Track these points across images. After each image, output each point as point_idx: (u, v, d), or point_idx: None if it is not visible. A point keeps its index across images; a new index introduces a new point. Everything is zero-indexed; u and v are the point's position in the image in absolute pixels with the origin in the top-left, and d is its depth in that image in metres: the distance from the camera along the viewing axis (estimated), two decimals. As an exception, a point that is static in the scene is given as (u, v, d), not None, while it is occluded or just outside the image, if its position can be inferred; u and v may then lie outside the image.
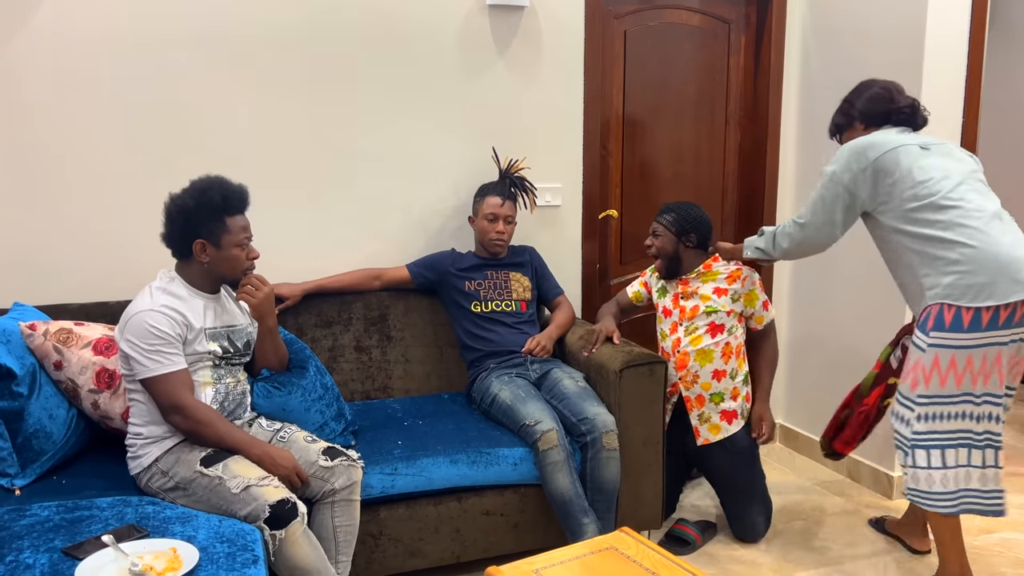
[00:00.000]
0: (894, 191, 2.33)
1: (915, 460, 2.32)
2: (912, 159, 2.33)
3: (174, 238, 2.21)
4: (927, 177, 2.30)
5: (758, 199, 3.65)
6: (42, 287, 2.69)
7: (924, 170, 2.31)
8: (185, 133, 2.82)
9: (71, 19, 2.65)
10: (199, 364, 2.19)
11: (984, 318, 2.19)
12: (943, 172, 2.31)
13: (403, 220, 3.12)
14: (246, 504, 2.00)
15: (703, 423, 2.80)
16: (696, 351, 2.78)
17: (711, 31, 3.54)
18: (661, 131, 3.53)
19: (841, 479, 3.40)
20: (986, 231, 2.22)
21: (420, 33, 3.03)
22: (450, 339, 3.05)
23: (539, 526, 2.59)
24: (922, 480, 2.31)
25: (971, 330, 2.20)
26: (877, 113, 2.48)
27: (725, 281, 2.82)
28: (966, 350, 2.22)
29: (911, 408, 2.32)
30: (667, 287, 2.91)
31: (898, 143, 2.36)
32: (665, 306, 2.89)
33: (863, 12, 3.21)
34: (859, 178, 2.37)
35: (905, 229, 2.33)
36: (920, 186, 2.30)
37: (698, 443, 2.81)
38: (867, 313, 3.27)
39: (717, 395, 2.79)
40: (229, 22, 2.81)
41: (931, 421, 2.29)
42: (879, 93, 2.49)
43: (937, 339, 2.25)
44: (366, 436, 2.57)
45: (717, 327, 2.78)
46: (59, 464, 2.30)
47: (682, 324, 2.82)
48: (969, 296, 2.20)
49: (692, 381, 2.80)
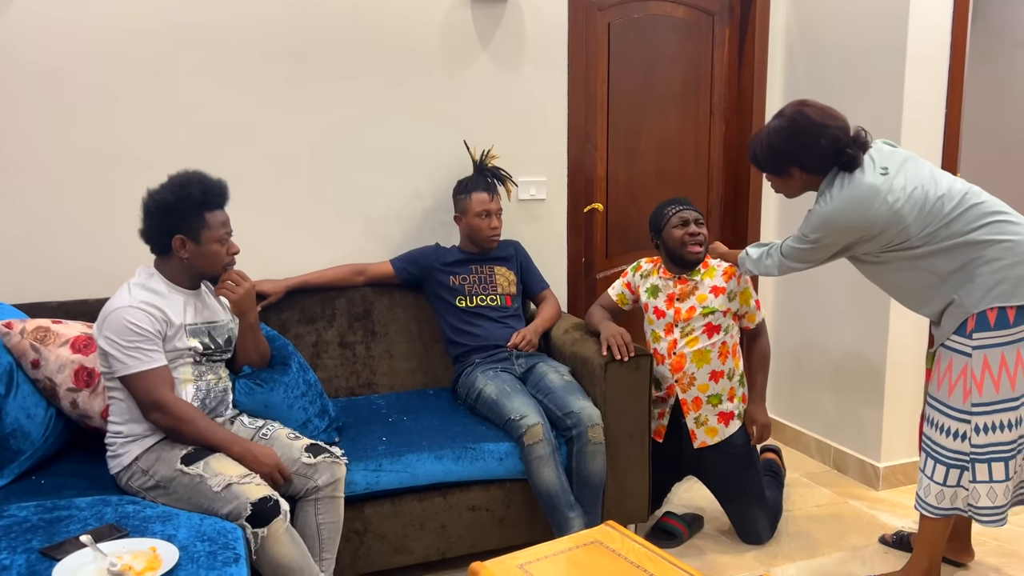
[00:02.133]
0: (913, 221, 2.20)
1: (976, 475, 2.20)
2: (899, 201, 2.18)
3: (153, 234, 2.18)
4: (945, 191, 2.19)
5: (743, 190, 3.65)
6: (19, 285, 2.65)
7: (939, 182, 2.21)
8: (163, 128, 2.78)
9: (47, 13, 2.61)
10: (179, 361, 2.16)
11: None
12: (937, 177, 2.23)
13: (387, 215, 3.09)
14: (228, 502, 1.98)
15: (700, 426, 2.75)
16: (693, 352, 2.71)
17: (695, 23, 3.53)
18: (646, 123, 3.52)
19: (827, 470, 3.41)
20: (1003, 225, 2.16)
21: (402, 26, 3.00)
22: (435, 334, 3.03)
23: (525, 521, 2.58)
24: (983, 496, 2.20)
25: (1017, 324, 2.13)
26: (826, 166, 2.28)
27: (722, 278, 2.76)
28: (1014, 344, 2.15)
29: (967, 420, 2.21)
30: (659, 287, 2.80)
31: (879, 183, 2.19)
32: (657, 307, 2.80)
33: (845, 4, 3.20)
34: (843, 247, 2.29)
35: (934, 248, 2.21)
36: (939, 202, 2.19)
37: (695, 446, 2.76)
38: (850, 304, 3.27)
39: (715, 397, 2.74)
40: (208, 16, 2.78)
41: (994, 432, 2.18)
42: (827, 147, 2.23)
43: (983, 339, 2.16)
44: (350, 432, 2.55)
45: (714, 328, 2.73)
46: (37, 464, 2.27)
47: (677, 325, 2.75)
48: (1004, 293, 2.13)
49: (689, 384, 2.74)
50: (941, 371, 2.27)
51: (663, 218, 2.78)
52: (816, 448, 3.51)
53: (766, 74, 3.56)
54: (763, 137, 2.35)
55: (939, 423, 2.28)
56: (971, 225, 2.18)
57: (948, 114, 3.06)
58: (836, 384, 3.40)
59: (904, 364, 3.14)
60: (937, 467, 2.28)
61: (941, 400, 2.27)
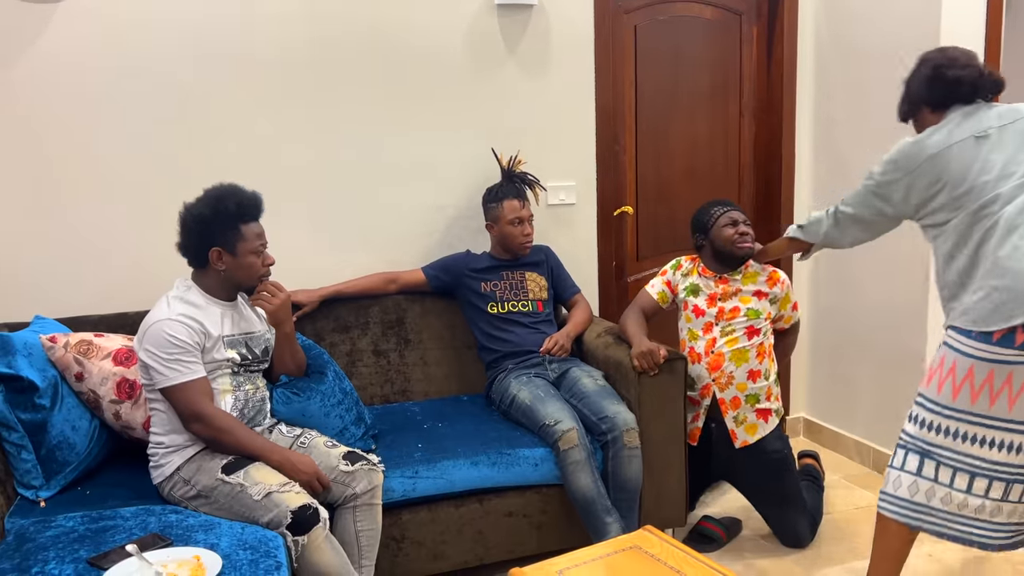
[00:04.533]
0: (936, 198, 2.13)
1: (901, 463, 2.15)
2: (958, 161, 2.09)
3: (190, 247, 2.22)
4: (969, 186, 2.08)
5: (775, 190, 3.61)
6: (62, 300, 2.70)
7: (966, 176, 2.08)
8: (199, 145, 2.83)
9: (83, 36, 2.67)
10: (218, 372, 2.20)
11: (1018, 338, 1.97)
12: (988, 174, 2.07)
13: (416, 222, 3.11)
14: (268, 511, 2.00)
15: (739, 425, 2.74)
16: (732, 352, 2.70)
17: (722, 22, 3.51)
18: (675, 125, 3.50)
19: (867, 472, 3.36)
20: (1007, 243, 2.00)
21: (430, 38, 3.02)
22: (467, 340, 3.04)
23: (562, 526, 2.57)
24: (904, 487, 2.14)
25: (1000, 344, 1.98)
26: (937, 97, 2.23)
27: (766, 284, 2.76)
28: (988, 364, 2.00)
29: (923, 406, 2.14)
30: (700, 286, 2.79)
31: (951, 140, 2.12)
32: (697, 305, 2.77)
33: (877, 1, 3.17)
34: (897, 186, 2.20)
35: (940, 239, 2.15)
36: (962, 196, 2.09)
37: (736, 446, 2.74)
38: (890, 306, 3.23)
39: (753, 396, 2.72)
40: (236, 35, 2.82)
41: (924, 429, 2.11)
42: (931, 75, 2.23)
43: (962, 344, 2.05)
44: (386, 440, 2.57)
45: (755, 330, 2.72)
46: (83, 475, 2.32)
47: (718, 324, 2.73)
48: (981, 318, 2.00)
49: (727, 383, 2.72)
50: (933, 363, 2.17)
51: (711, 217, 2.78)
52: (856, 450, 3.46)
53: (795, 72, 3.53)
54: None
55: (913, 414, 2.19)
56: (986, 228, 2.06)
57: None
58: (874, 384, 3.35)
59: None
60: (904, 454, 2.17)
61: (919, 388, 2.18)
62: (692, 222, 2.86)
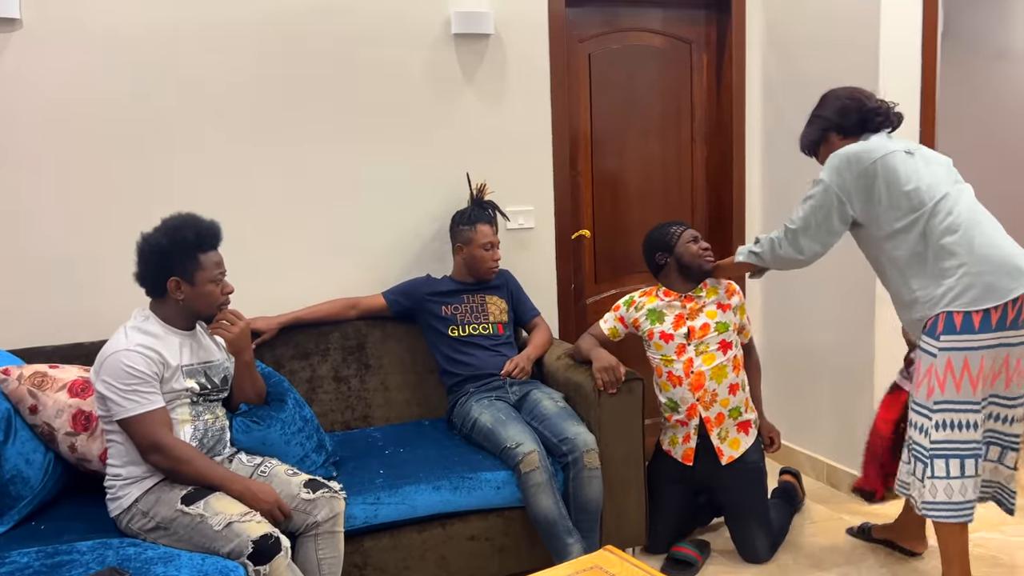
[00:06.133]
0: (886, 199, 2.31)
1: (934, 470, 2.27)
2: (902, 165, 2.31)
3: (148, 277, 2.21)
4: (916, 185, 2.29)
5: (727, 213, 3.71)
6: (15, 331, 2.66)
7: (912, 178, 2.30)
8: (157, 173, 2.82)
9: (41, 62, 2.66)
10: (177, 402, 2.19)
11: (993, 318, 2.20)
12: (931, 178, 2.31)
13: (378, 248, 3.13)
14: (229, 541, 1.99)
15: (723, 441, 2.78)
16: (711, 369, 2.74)
17: (673, 51, 3.61)
18: (629, 150, 3.58)
19: (822, 486, 3.43)
20: (976, 233, 2.24)
21: (389, 64, 3.06)
22: (429, 365, 3.06)
23: (524, 549, 2.59)
24: (940, 491, 2.27)
25: (982, 331, 2.20)
26: (852, 123, 2.46)
27: (725, 295, 2.83)
28: (978, 351, 2.22)
29: (928, 416, 2.29)
30: (663, 310, 2.82)
31: (888, 149, 2.34)
32: (663, 331, 2.79)
33: (818, 28, 3.29)
34: (852, 186, 2.34)
35: (898, 239, 2.33)
36: (913, 194, 2.29)
37: (723, 462, 2.77)
38: (838, 324, 3.32)
39: (735, 409, 2.78)
40: (197, 57, 2.83)
41: (949, 430, 2.26)
42: (848, 104, 2.47)
43: (949, 342, 2.23)
44: (348, 466, 2.57)
45: (727, 344, 2.77)
46: (37, 509, 2.28)
47: (691, 344, 2.76)
48: (973, 299, 2.20)
49: (711, 400, 2.75)
50: (920, 374, 2.34)
51: (672, 235, 2.83)
52: (810, 465, 3.54)
53: (744, 98, 3.64)
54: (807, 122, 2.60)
55: (914, 421, 2.36)
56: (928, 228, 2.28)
57: (922, 132, 3.14)
58: (826, 401, 3.44)
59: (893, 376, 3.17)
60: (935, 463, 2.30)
61: (914, 399, 2.36)
62: (649, 243, 2.87)
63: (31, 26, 2.64)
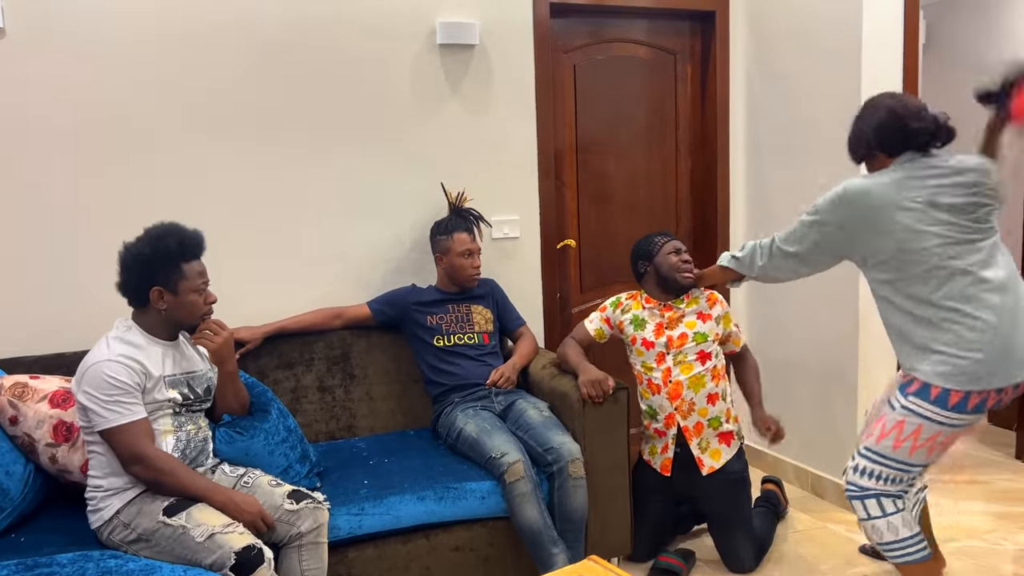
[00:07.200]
0: (884, 254, 2.20)
1: (868, 511, 2.28)
2: (907, 221, 2.14)
3: (130, 286, 2.20)
4: (923, 246, 2.14)
5: (711, 223, 3.73)
6: (-5, 341, 2.65)
7: (920, 236, 2.13)
8: (140, 182, 2.81)
9: (21, 72, 2.65)
10: (159, 412, 2.17)
11: (972, 401, 2.12)
12: (944, 238, 2.13)
13: (362, 257, 3.13)
14: (211, 552, 1.98)
15: (704, 451, 2.79)
16: (689, 379, 2.75)
17: (658, 62, 3.64)
18: (614, 161, 3.60)
19: (806, 495, 3.45)
20: (995, 307, 2.11)
21: (374, 75, 3.07)
22: (413, 375, 3.05)
23: (509, 559, 2.59)
24: (886, 532, 2.26)
25: (954, 410, 2.13)
26: (892, 142, 2.25)
27: (706, 305, 2.84)
28: (937, 426, 2.16)
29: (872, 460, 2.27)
30: (645, 318, 2.84)
31: (892, 199, 2.16)
32: (645, 338, 2.82)
33: (801, 39, 3.32)
34: (835, 229, 2.26)
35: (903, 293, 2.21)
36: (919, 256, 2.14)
37: (703, 473, 2.79)
38: (822, 333, 3.34)
39: (715, 420, 2.79)
40: (180, 67, 2.83)
41: (877, 480, 2.26)
42: (884, 120, 2.25)
43: (914, 405, 2.18)
44: (332, 477, 2.56)
45: (706, 354, 2.78)
46: (17, 521, 2.25)
47: (669, 353, 2.78)
48: (964, 381, 2.11)
49: (688, 410, 2.77)
50: (876, 419, 2.33)
51: (654, 245, 2.85)
52: (794, 474, 3.56)
53: (728, 109, 3.67)
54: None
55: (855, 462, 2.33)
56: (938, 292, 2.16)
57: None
58: (810, 410, 3.46)
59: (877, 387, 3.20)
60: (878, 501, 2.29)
61: (866, 443, 2.31)
62: (634, 251, 2.91)
63: (14, 35, 2.64)
